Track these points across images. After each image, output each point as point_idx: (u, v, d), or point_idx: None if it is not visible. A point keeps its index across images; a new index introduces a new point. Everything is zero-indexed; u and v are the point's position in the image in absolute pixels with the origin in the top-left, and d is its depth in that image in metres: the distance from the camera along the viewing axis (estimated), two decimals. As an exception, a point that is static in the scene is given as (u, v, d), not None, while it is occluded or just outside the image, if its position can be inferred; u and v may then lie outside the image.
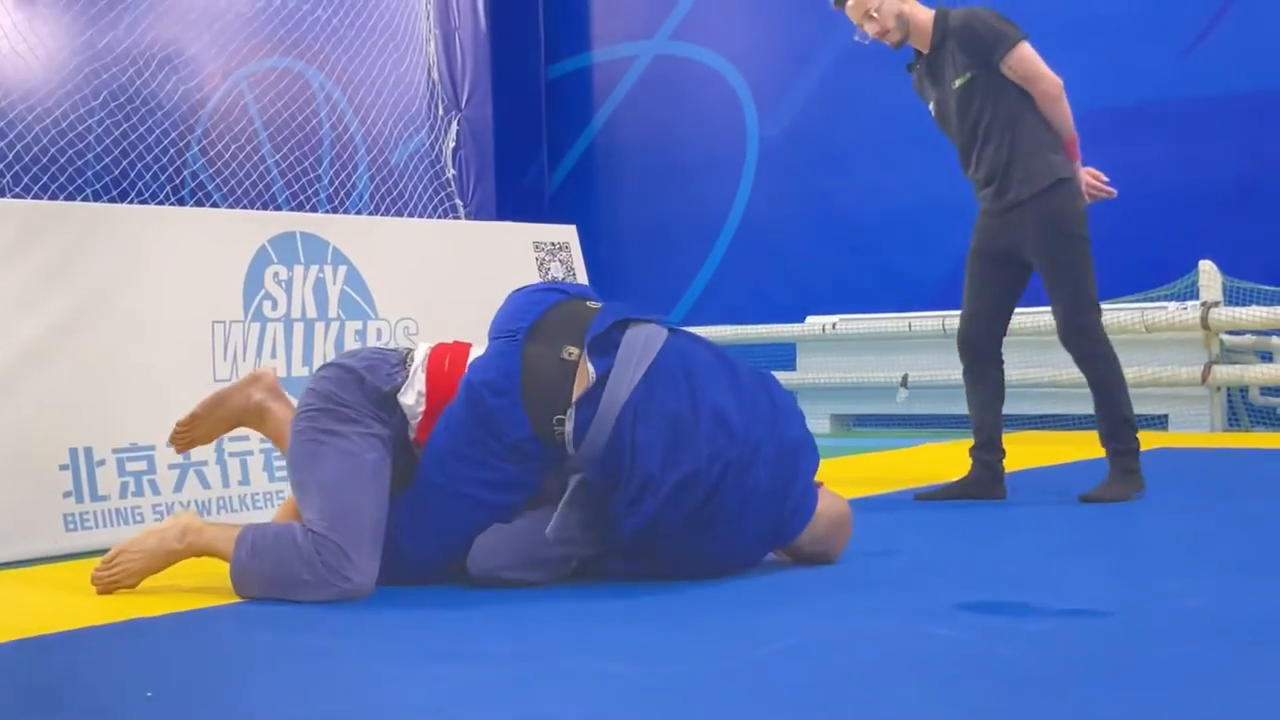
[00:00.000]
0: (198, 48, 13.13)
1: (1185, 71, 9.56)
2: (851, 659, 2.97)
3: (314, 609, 3.60)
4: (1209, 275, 9.05)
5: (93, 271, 5.37)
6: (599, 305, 3.94)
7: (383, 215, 11.25)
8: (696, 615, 3.50)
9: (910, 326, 9.77)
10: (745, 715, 2.53)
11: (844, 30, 10.73)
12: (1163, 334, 9.05)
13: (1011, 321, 6.12)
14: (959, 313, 9.54)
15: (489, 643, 3.17)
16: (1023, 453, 7.83)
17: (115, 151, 11.97)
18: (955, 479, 5.91)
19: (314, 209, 12.15)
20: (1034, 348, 9.46)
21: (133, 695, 2.79)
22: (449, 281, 6.71)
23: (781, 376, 10.35)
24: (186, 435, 4.37)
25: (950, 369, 9.67)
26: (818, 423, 10.30)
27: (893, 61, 10.49)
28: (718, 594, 3.78)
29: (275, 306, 5.97)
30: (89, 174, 12.53)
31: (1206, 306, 8.92)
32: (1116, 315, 9.09)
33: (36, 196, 11.09)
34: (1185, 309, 9.01)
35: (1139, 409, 9.17)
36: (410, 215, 11.29)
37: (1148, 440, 8.26)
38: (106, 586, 3.86)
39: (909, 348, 9.89)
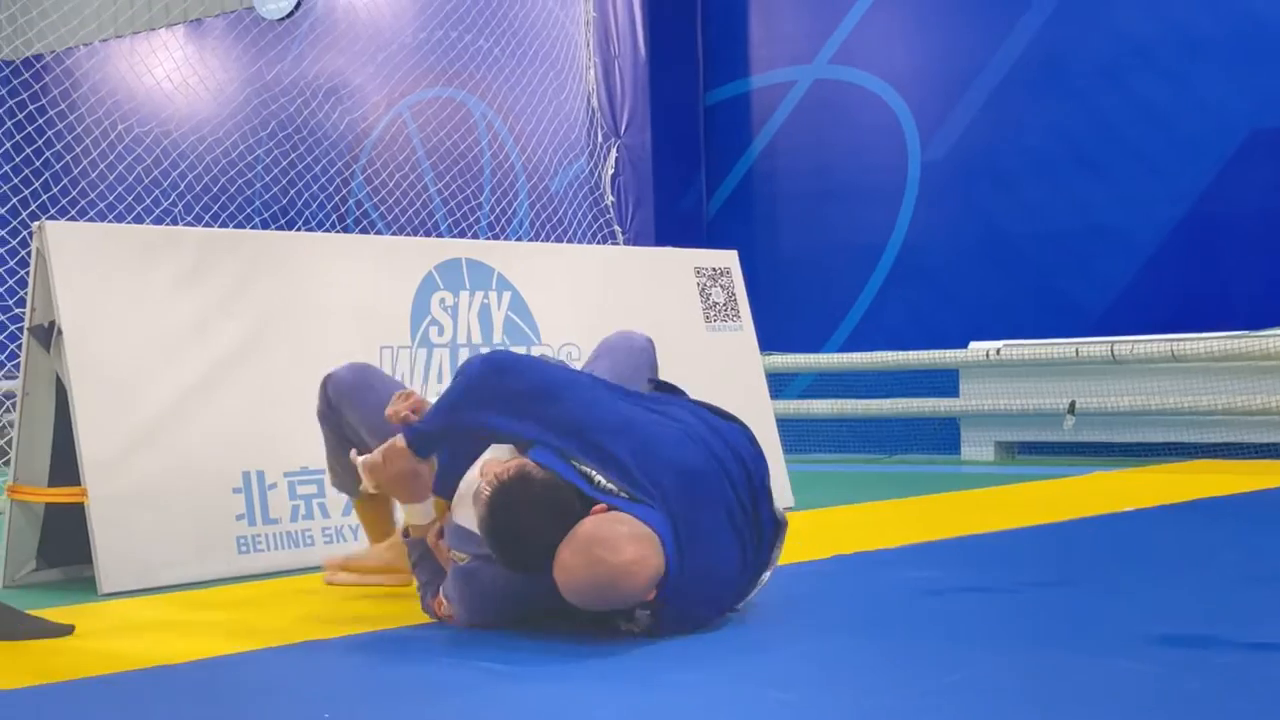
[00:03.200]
0: (362, 78, 13.37)
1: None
2: (1029, 692, 2.89)
3: (487, 633, 3.59)
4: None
5: (264, 298, 5.46)
6: None
7: (543, 242, 11.32)
8: (857, 647, 3.44)
9: (1078, 352, 9.57)
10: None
11: (1008, 51, 10.61)
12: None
13: (1181, 347, 5.74)
14: (1129, 338, 9.39)
15: (674, 673, 3.15)
16: (1197, 482, 7.62)
17: (283, 181, 12.22)
18: None
19: (475, 236, 12.28)
20: (1203, 374, 9.22)
21: (309, 718, 2.81)
22: (612, 307, 6.71)
23: (944, 404, 10.24)
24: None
25: (1119, 395, 9.46)
26: (981, 450, 10.14)
27: (1059, 83, 10.35)
28: (873, 626, 3.72)
29: (441, 332, 6.02)
30: (257, 203, 12.80)
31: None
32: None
33: (206, 225, 11.35)
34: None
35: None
36: (569, 242, 11.35)
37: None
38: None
39: (1076, 374, 9.68)
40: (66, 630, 3.83)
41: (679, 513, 3.42)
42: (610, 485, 3.43)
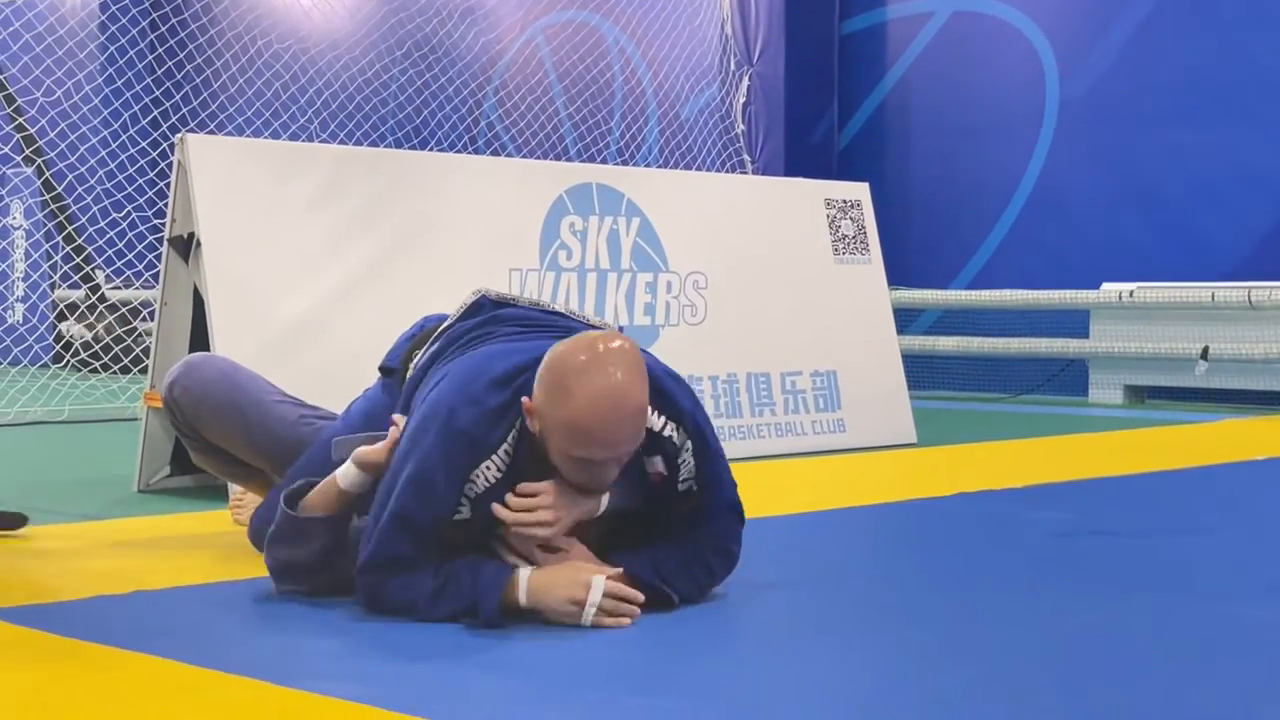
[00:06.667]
0: (497, 0, 13.37)
1: None
2: (1157, 636, 2.86)
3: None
4: None
5: (397, 217, 5.51)
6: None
7: (671, 169, 11.28)
8: (984, 585, 3.43)
9: (1213, 297, 9.37)
10: (1053, 686, 2.46)
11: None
12: None
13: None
14: (1267, 284, 9.18)
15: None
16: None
17: (416, 101, 12.29)
18: None
19: (604, 161, 12.28)
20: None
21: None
22: (740, 236, 6.69)
23: (1074, 345, 10.08)
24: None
25: (1254, 342, 9.27)
26: (1110, 393, 9.99)
27: (1206, 20, 10.08)
28: (999, 565, 3.70)
29: (570, 256, 6.04)
30: (390, 122, 12.89)
31: None
32: None
33: (341, 143, 11.46)
34: None
35: None
36: (698, 170, 11.30)
37: None
38: None
39: (1211, 319, 9.49)
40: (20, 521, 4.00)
41: None
42: None
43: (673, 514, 3.12)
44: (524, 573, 2.92)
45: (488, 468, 2.96)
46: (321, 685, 2.41)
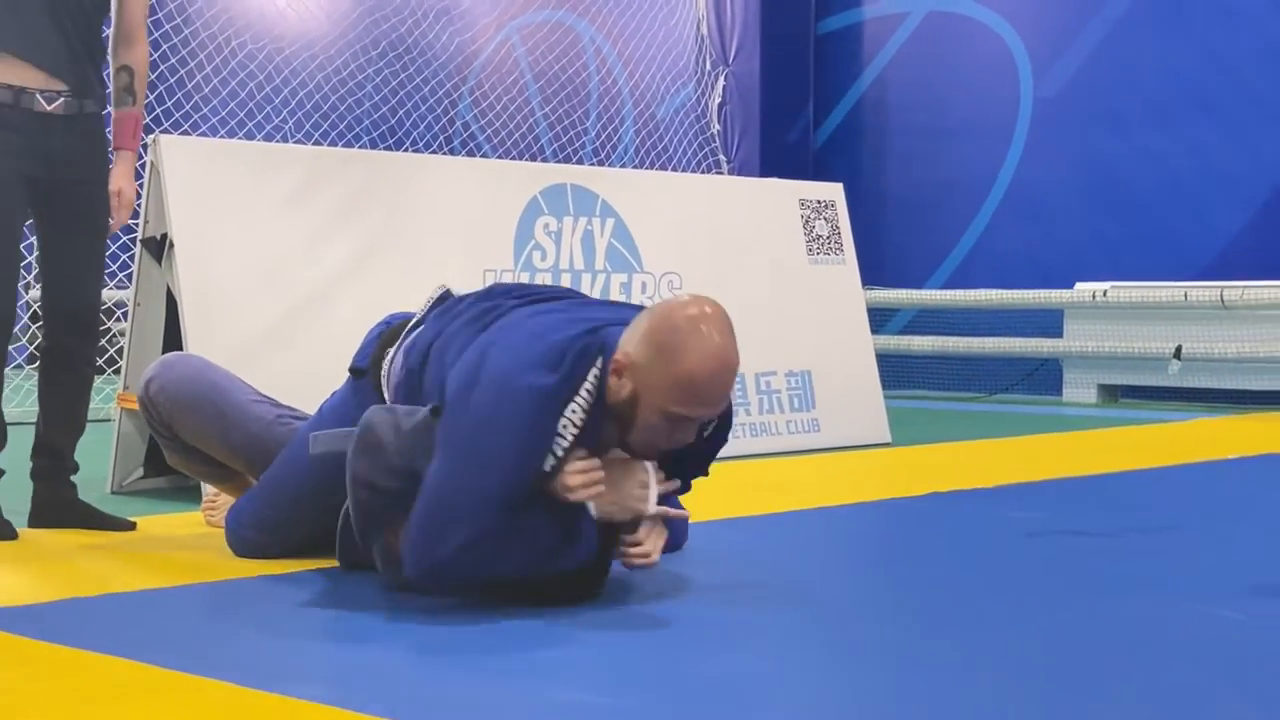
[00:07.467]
0: (473, 0, 13.35)
1: None
2: (1130, 636, 2.87)
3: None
4: None
5: (372, 218, 5.50)
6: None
7: (647, 169, 11.28)
8: (954, 585, 3.44)
9: (1186, 296, 9.41)
10: (1024, 686, 2.47)
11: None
12: None
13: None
14: (1239, 284, 9.23)
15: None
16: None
17: (392, 101, 12.26)
18: None
19: (579, 161, 12.27)
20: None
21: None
22: (715, 236, 6.70)
23: (1048, 344, 10.12)
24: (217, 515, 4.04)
25: (1227, 342, 9.31)
26: (1084, 392, 10.03)
27: (1179, 23, 10.12)
28: (971, 565, 3.71)
29: (544, 257, 6.04)
30: (365, 123, 12.86)
31: None
32: None
33: (316, 143, 11.42)
34: None
35: None
36: (673, 170, 11.30)
37: None
38: None
39: (1184, 318, 9.52)
40: (129, 525, 4.09)
41: None
42: None
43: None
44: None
45: (574, 411, 2.94)
46: (293, 687, 2.41)
